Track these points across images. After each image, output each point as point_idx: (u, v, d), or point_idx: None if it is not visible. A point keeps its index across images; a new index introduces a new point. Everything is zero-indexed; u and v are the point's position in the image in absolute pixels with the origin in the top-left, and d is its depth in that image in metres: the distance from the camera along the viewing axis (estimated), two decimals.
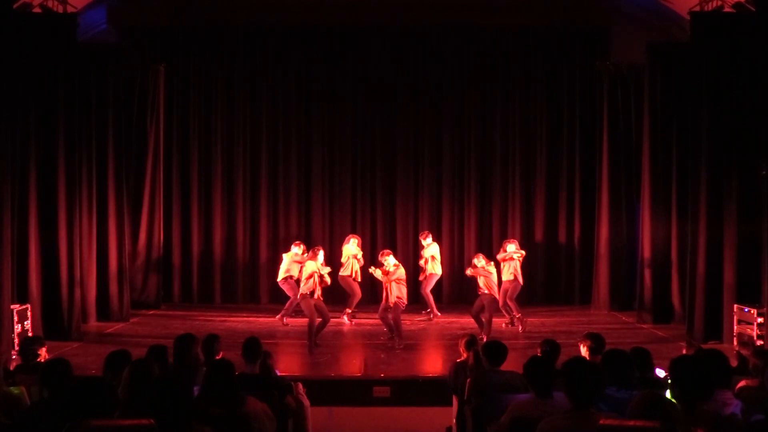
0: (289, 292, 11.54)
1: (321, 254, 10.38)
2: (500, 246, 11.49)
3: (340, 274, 11.67)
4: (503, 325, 11.13)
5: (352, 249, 11.81)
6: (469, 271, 10.59)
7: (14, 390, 5.09)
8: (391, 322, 9.95)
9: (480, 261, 10.41)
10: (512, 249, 10.95)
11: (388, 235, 14.00)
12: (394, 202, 14.09)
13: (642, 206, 12.15)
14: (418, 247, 13.19)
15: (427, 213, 14.02)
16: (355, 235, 12.26)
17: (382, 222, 14.09)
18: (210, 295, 13.88)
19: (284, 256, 11.84)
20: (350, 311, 11.70)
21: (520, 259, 10.97)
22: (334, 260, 12.33)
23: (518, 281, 10.88)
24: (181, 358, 5.89)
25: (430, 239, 12.04)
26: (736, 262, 10.25)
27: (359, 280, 11.81)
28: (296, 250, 11.67)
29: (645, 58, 11.88)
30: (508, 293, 10.86)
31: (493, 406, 5.04)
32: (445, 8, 13.37)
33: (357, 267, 11.76)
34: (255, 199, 14.02)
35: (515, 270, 10.86)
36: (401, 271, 10.06)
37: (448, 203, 14.05)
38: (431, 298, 11.88)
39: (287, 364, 8.69)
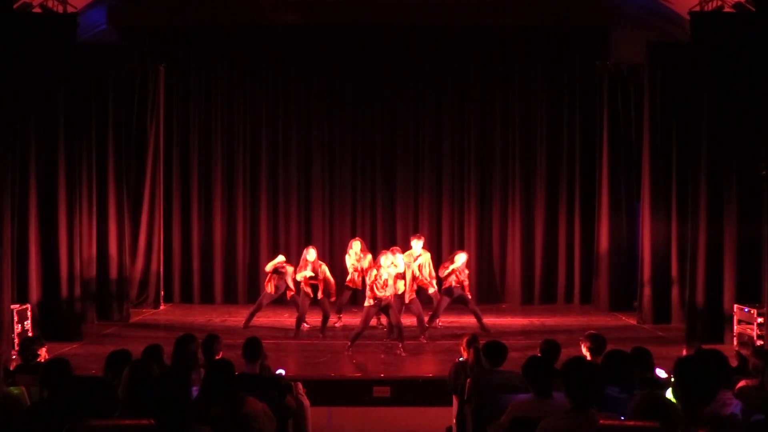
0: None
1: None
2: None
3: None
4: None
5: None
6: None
7: (14, 390, 5.08)
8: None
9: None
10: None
11: (388, 235, 13.99)
12: (394, 202, 14.08)
13: (642, 206, 12.14)
14: None
15: (427, 213, 14.02)
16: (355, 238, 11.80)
17: (382, 222, 14.08)
18: (210, 295, 13.88)
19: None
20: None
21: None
22: (334, 261, 12.33)
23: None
24: (180, 358, 5.89)
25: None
26: (736, 262, 10.25)
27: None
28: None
29: (645, 58, 11.87)
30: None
31: (493, 406, 5.04)
32: (445, 8, 13.36)
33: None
34: (255, 199, 14.02)
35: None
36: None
37: (448, 203, 14.04)
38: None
39: (287, 365, 8.68)
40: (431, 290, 10.91)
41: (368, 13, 13.34)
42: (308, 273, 10.56)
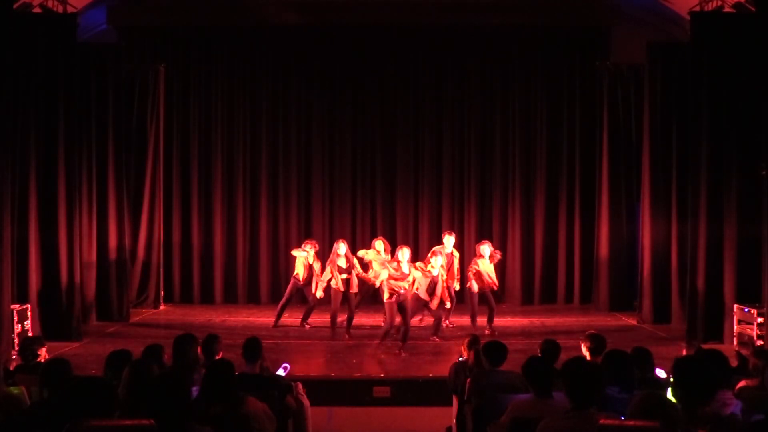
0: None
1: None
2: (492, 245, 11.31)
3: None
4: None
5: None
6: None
7: (14, 390, 5.08)
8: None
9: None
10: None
11: (389, 234, 13.95)
12: (394, 201, 14.09)
13: (642, 206, 12.15)
14: (418, 247, 13.21)
15: (426, 213, 14.02)
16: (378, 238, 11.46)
17: (382, 221, 14.08)
18: (210, 295, 13.88)
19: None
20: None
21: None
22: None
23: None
24: (180, 358, 5.88)
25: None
26: (736, 262, 10.25)
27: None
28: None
29: (645, 58, 11.88)
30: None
31: (493, 406, 5.04)
32: (445, 8, 13.37)
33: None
34: (255, 199, 14.02)
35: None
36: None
37: (448, 203, 14.05)
38: None
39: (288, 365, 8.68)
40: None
41: (368, 13, 13.34)
42: (328, 276, 10.41)
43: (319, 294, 10.64)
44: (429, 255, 10.33)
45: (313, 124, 14.03)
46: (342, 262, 10.44)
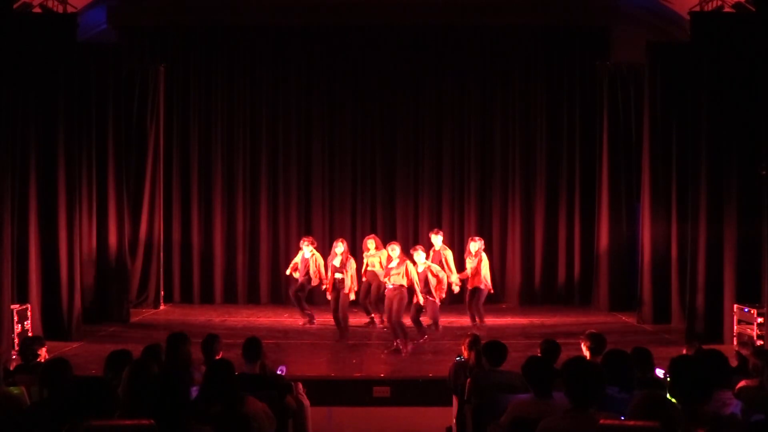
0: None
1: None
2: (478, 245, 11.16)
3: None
4: None
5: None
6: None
7: (14, 390, 5.08)
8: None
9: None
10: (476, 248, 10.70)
11: (388, 234, 13.98)
12: (394, 201, 14.08)
13: (642, 206, 12.14)
14: None
15: (426, 213, 14.02)
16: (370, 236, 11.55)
17: (382, 221, 14.08)
18: (210, 295, 13.88)
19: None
20: None
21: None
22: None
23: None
24: (173, 356, 5.88)
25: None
26: (736, 262, 10.25)
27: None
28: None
29: (645, 58, 11.87)
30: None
31: (493, 406, 5.04)
32: (445, 8, 13.37)
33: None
34: (255, 199, 14.02)
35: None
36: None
37: (448, 203, 14.05)
38: None
39: (288, 365, 8.67)
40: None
41: (368, 13, 13.34)
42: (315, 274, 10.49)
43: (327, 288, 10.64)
44: (411, 251, 10.09)
45: (312, 124, 14.03)
46: (337, 261, 10.45)
